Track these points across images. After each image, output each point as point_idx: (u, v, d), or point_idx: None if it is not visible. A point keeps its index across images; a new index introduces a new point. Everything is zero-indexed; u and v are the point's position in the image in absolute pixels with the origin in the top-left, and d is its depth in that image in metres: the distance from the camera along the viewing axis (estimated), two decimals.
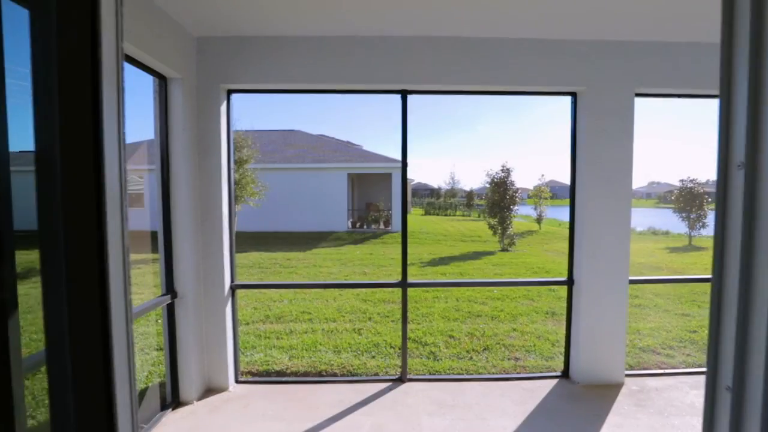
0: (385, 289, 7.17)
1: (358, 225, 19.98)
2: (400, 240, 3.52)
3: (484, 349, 4.71)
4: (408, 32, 3.25)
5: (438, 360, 4.38)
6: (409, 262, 3.57)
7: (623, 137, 3.43)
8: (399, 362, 4.22)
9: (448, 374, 3.98)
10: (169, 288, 3.14)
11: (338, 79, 3.33)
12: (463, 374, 3.95)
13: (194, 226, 3.27)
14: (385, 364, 4.27)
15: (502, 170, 15.34)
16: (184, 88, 3.10)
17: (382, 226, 19.81)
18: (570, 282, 3.65)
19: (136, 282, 7.98)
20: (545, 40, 3.34)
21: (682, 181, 16.41)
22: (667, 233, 19.13)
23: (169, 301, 3.10)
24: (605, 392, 3.38)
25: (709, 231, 16.76)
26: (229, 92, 3.47)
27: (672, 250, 14.43)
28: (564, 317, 5.91)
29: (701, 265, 11.13)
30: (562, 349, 4.54)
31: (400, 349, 4.45)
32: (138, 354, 4.35)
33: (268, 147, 20.41)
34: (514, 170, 15.25)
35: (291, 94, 3.79)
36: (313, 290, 7.29)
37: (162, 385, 3.25)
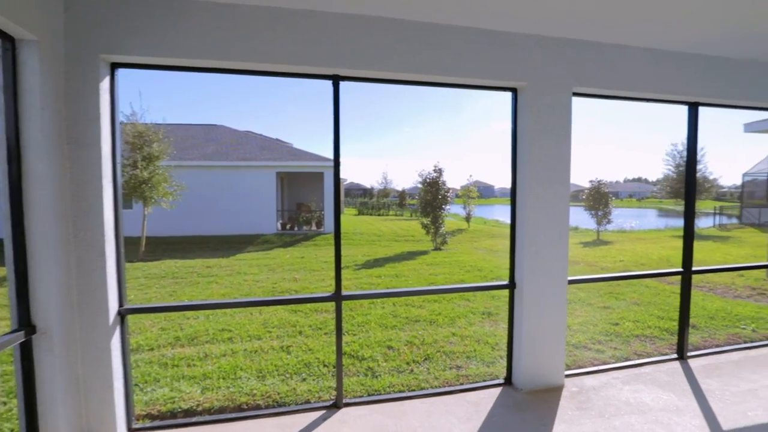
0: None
1: (288, 227, 18.98)
2: (332, 241, 3.08)
3: (425, 359, 4.45)
4: (341, 9, 2.81)
5: (377, 377, 4.00)
6: (343, 265, 3.14)
7: (562, 136, 3.36)
8: (334, 384, 3.77)
9: (389, 393, 3.62)
10: (23, 321, 2.34)
11: (259, 58, 2.76)
12: (404, 391, 3.62)
13: (63, 237, 2.50)
14: (318, 387, 3.78)
15: (434, 170, 15.56)
16: (43, 55, 2.32)
17: (314, 228, 19.08)
18: (512, 285, 3.50)
19: None
20: (490, 31, 3.12)
21: (591, 181, 18.13)
22: (576, 228, 21.00)
23: (23, 339, 2.31)
24: (548, 397, 3.29)
25: (613, 226, 18.77)
26: (114, 66, 2.73)
27: (584, 244, 15.78)
28: (500, 317, 5.99)
29: (611, 258, 12.25)
30: (502, 353, 4.45)
31: (334, 368, 4.01)
32: None
33: (185, 142, 18.58)
34: (445, 170, 15.56)
35: (215, 80, 3.13)
36: None
37: None
